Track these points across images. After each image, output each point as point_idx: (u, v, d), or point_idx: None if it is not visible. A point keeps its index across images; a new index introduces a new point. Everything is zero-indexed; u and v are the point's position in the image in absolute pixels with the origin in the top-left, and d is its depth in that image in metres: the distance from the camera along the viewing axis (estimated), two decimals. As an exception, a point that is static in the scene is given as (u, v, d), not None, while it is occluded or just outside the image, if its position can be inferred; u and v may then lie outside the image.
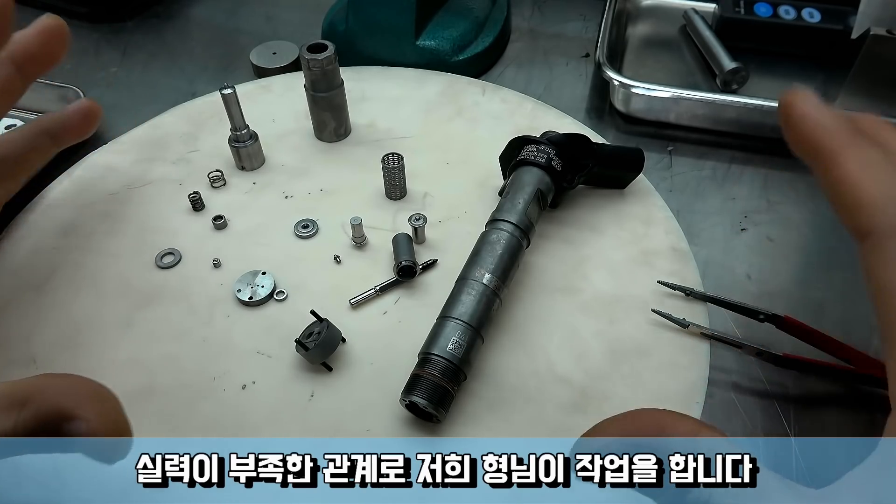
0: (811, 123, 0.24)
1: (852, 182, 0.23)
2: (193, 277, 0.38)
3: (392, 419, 0.32)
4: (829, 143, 0.24)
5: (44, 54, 0.34)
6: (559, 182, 0.38)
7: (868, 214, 0.22)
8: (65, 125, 0.37)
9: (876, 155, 0.23)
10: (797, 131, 0.25)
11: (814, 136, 0.24)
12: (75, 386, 0.24)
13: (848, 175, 0.23)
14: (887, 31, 0.48)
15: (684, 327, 0.35)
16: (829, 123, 0.24)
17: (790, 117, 0.25)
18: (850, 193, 0.23)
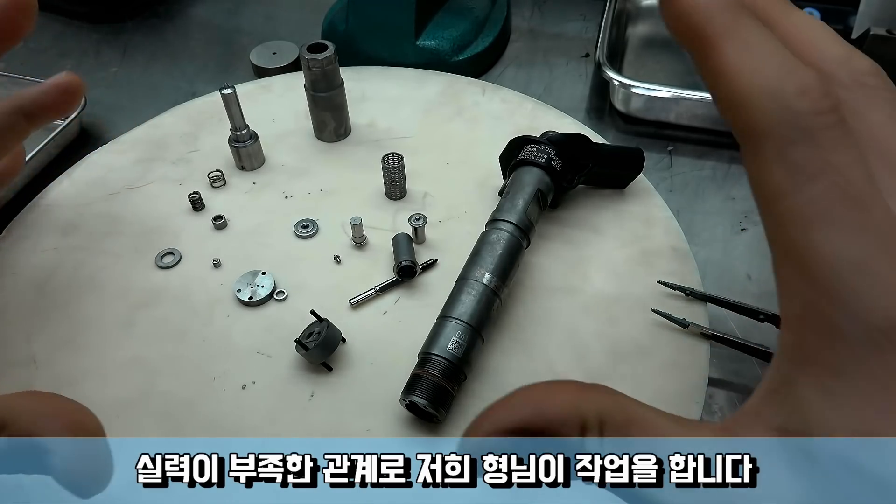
0: (689, 3, 0.21)
1: (730, 73, 0.20)
2: (193, 277, 0.38)
3: (392, 419, 0.32)
4: (707, 26, 0.20)
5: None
6: (559, 182, 0.38)
7: (745, 111, 0.19)
8: (41, 102, 0.34)
9: (762, 39, 0.20)
10: (675, 13, 0.22)
11: (692, 19, 0.21)
12: (52, 413, 0.23)
13: (726, 65, 0.20)
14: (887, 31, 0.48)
15: (684, 327, 0.35)
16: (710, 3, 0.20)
17: None
18: (727, 86, 0.20)
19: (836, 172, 0.18)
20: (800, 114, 0.19)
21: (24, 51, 0.58)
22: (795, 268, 0.19)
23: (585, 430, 0.20)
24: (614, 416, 0.20)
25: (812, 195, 0.18)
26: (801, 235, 0.18)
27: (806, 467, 0.18)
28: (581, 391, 0.21)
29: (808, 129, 0.18)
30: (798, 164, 0.19)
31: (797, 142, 0.19)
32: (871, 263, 0.18)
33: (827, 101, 0.19)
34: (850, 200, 0.18)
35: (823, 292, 0.18)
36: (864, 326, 0.18)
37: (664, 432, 0.20)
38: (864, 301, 0.18)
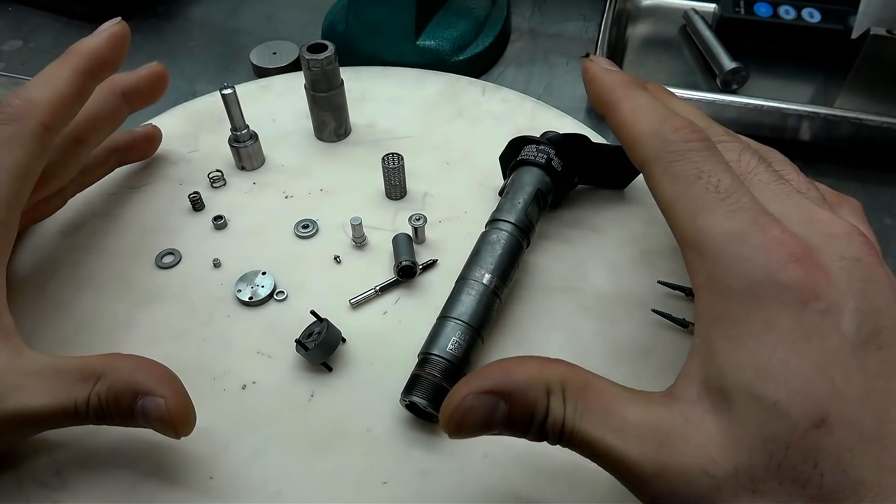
0: (599, 81, 0.31)
1: (627, 123, 0.28)
2: (193, 277, 0.38)
3: (392, 419, 0.32)
4: (611, 95, 0.30)
5: (149, 92, 0.40)
6: (559, 182, 0.38)
7: (639, 148, 0.27)
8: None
9: (644, 100, 0.28)
10: (591, 88, 0.31)
11: (601, 92, 0.30)
12: (147, 365, 0.27)
13: (624, 118, 0.28)
14: (887, 31, 0.48)
15: (684, 327, 0.35)
16: (612, 80, 0.30)
17: (586, 78, 0.32)
18: (626, 132, 0.28)
19: (708, 176, 0.24)
20: (676, 142, 0.26)
21: (24, 51, 0.58)
22: (694, 251, 0.24)
23: (549, 394, 0.24)
24: (573, 382, 0.24)
25: (693, 194, 0.24)
26: (691, 225, 0.24)
27: (724, 407, 0.22)
28: (544, 361, 0.25)
29: (681, 150, 0.26)
30: (679, 176, 0.25)
31: (676, 161, 0.25)
32: (744, 234, 0.23)
33: (694, 134, 0.26)
34: (722, 193, 0.24)
35: (715, 263, 0.23)
36: (747, 283, 0.22)
37: (616, 396, 0.24)
38: (743, 263, 0.23)
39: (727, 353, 0.22)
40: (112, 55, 0.35)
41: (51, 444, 0.31)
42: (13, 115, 0.31)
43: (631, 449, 0.22)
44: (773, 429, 0.21)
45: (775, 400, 0.21)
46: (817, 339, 0.21)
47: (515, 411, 0.24)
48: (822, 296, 0.21)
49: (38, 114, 0.31)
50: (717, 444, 0.21)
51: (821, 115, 0.45)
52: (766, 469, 0.20)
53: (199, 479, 0.30)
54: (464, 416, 0.24)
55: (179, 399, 0.27)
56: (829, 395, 0.20)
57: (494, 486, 0.30)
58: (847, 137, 0.46)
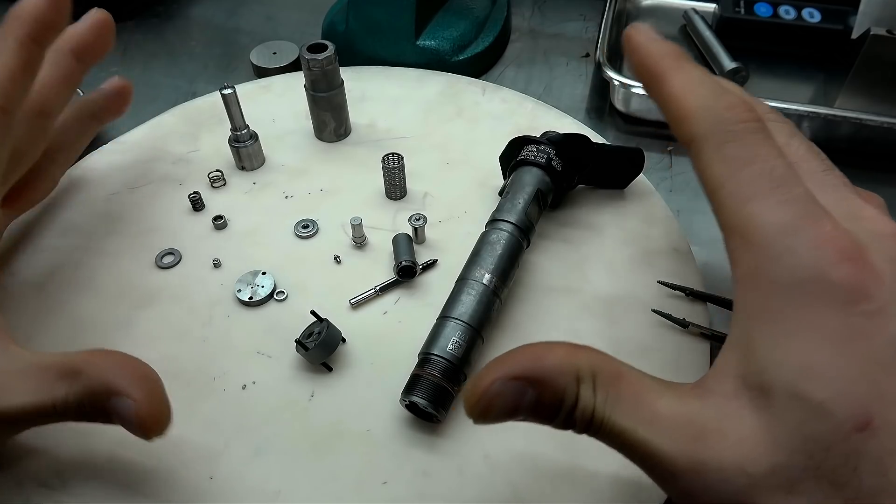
0: (644, 50, 0.28)
1: (677, 97, 0.26)
2: (193, 277, 0.38)
3: (392, 419, 0.32)
4: (658, 66, 0.28)
5: (98, 44, 0.36)
6: (559, 182, 0.38)
7: (689, 123, 0.26)
8: (104, 105, 0.39)
9: (696, 73, 0.27)
10: (635, 58, 0.29)
11: (647, 62, 0.28)
12: (124, 363, 0.26)
13: (673, 91, 0.27)
14: (887, 31, 0.48)
15: (684, 327, 0.35)
16: (659, 50, 0.28)
17: (629, 47, 0.29)
18: (675, 107, 0.26)
19: (762, 161, 0.23)
20: (729, 121, 0.25)
21: (24, 51, 0.58)
22: (739, 239, 0.23)
23: (580, 382, 0.23)
24: (605, 370, 0.23)
25: (744, 178, 0.23)
26: (740, 211, 0.23)
27: (764, 404, 0.21)
28: (575, 347, 0.24)
29: (736, 132, 0.24)
30: (731, 157, 0.24)
31: (729, 141, 0.24)
32: (796, 227, 0.22)
33: (749, 113, 0.25)
34: (775, 180, 0.23)
35: (762, 254, 0.22)
36: (795, 278, 0.21)
37: (647, 386, 0.23)
38: (792, 257, 0.22)
39: (770, 349, 0.22)
40: (53, 14, 0.31)
41: (50, 443, 0.31)
42: None
43: (664, 442, 0.22)
44: (814, 429, 0.20)
45: (820, 400, 0.20)
46: (864, 340, 0.21)
47: (544, 398, 0.23)
48: (872, 296, 0.21)
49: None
50: (754, 441, 0.21)
51: (821, 115, 0.45)
52: (804, 469, 0.20)
53: (199, 479, 0.30)
54: (490, 401, 0.23)
55: (151, 401, 0.26)
56: (874, 398, 0.20)
57: (495, 487, 0.30)
58: (847, 137, 0.46)
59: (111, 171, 0.44)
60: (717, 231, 0.42)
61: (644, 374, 0.24)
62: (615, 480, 0.30)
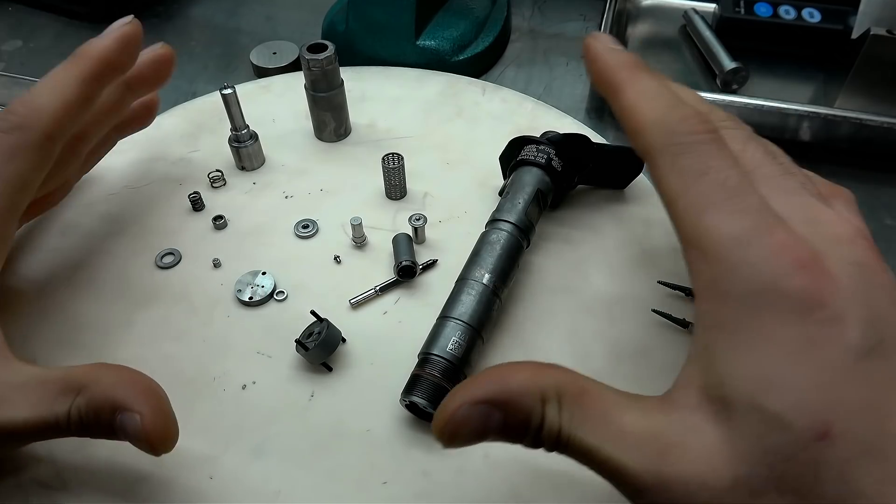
0: (602, 61, 0.28)
1: (632, 109, 0.26)
2: (193, 277, 0.38)
3: (392, 419, 0.32)
4: (614, 77, 0.28)
5: (153, 78, 0.38)
6: (559, 182, 0.38)
7: (643, 136, 0.26)
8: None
9: (651, 85, 0.27)
10: (593, 68, 0.29)
11: (604, 73, 0.28)
12: (130, 379, 0.26)
13: (628, 103, 0.27)
14: (887, 31, 0.48)
15: (684, 327, 0.35)
16: (616, 60, 0.28)
17: (587, 57, 0.29)
18: (630, 119, 0.26)
19: (715, 172, 0.23)
20: (682, 134, 0.25)
21: (24, 51, 0.58)
22: (696, 251, 0.23)
23: (545, 402, 0.23)
24: (570, 389, 0.23)
25: (698, 191, 0.23)
26: (695, 224, 0.23)
27: (724, 416, 0.21)
28: (539, 367, 0.24)
29: (689, 143, 0.24)
30: (685, 170, 0.24)
31: (682, 153, 0.24)
32: (750, 237, 0.22)
33: (702, 125, 0.25)
34: (729, 191, 0.23)
35: (718, 266, 0.22)
36: (750, 289, 0.21)
37: (613, 402, 0.23)
38: (747, 268, 0.22)
39: (728, 361, 0.22)
40: (121, 58, 0.33)
41: (50, 445, 0.31)
42: (17, 123, 0.30)
43: (629, 458, 0.22)
44: (774, 440, 0.20)
45: (777, 411, 0.20)
46: (821, 349, 0.21)
47: (510, 420, 0.23)
48: (828, 304, 0.21)
49: (43, 124, 0.30)
50: (716, 454, 0.21)
51: (821, 115, 0.45)
52: (766, 480, 0.20)
53: (199, 479, 0.30)
54: (457, 427, 0.23)
55: (158, 416, 0.25)
56: (833, 407, 0.20)
57: (495, 487, 0.30)
58: (847, 137, 0.46)
59: (111, 171, 0.44)
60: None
61: (610, 390, 0.24)
62: (615, 480, 0.30)
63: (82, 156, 0.37)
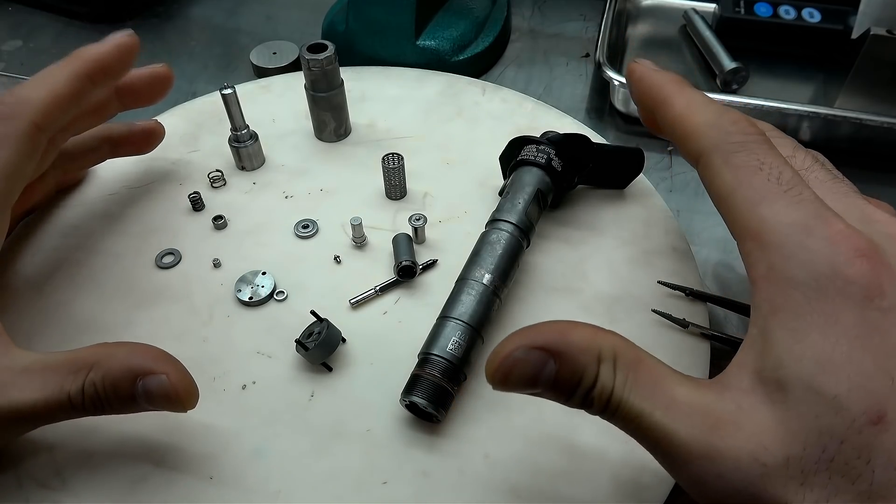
0: (647, 81, 0.31)
1: (682, 116, 0.28)
2: (193, 277, 0.38)
3: (392, 419, 0.32)
4: (661, 92, 0.30)
5: (145, 94, 0.39)
6: (559, 182, 0.38)
7: (696, 139, 0.27)
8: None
9: (698, 95, 0.29)
10: (639, 89, 0.32)
11: (652, 90, 0.31)
12: (143, 348, 0.27)
13: (678, 113, 0.29)
14: (887, 31, 0.48)
15: (684, 327, 0.35)
16: (660, 79, 0.31)
17: (632, 80, 0.32)
18: (680, 127, 0.28)
19: (770, 167, 0.24)
20: (735, 133, 0.26)
21: (24, 51, 0.58)
22: (752, 242, 0.24)
23: (601, 361, 0.23)
24: (626, 354, 0.24)
25: (754, 184, 0.24)
26: (752, 215, 0.24)
27: (780, 398, 0.22)
28: (599, 329, 0.24)
29: (743, 142, 0.26)
30: (740, 166, 0.25)
31: (737, 151, 0.25)
32: (809, 225, 0.23)
33: (753, 126, 0.26)
34: (784, 184, 0.24)
35: (776, 253, 0.23)
36: (812, 274, 0.22)
37: (666, 375, 0.24)
38: (807, 255, 0.22)
39: (787, 344, 0.22)
40: (115, 63, 0.34)
41: (50, 443, 0.31)
42: (5, 113, 0.30)
43: (680, 427, 0.22)
44: (829, 422, 0.21)
45: (835, 394, 0.21)
46: (879, 336, 0.21)
47: (564, 373, 0.23)
48: (887, 293, 0.21)
49: (31, 113, 0.31)
50: (770, 432, 0.21)
51: (821, 115, 0.45)
52: (818, 462, 0.20)
53: (199, 479, 0.30)
54: (511, 368, 0.23)
55: (182, 374, 0.27)
56: (888, 393, 0.20)
57: (495, 487, 0.30)
58: (847, 137, 0.46)
59: (111, 171, 0.44)
60: (717, 231, 0.42)
61: (664, 364, 0.24)
62: (615, 480, 0.30)
63: (58, 148, 0.37)
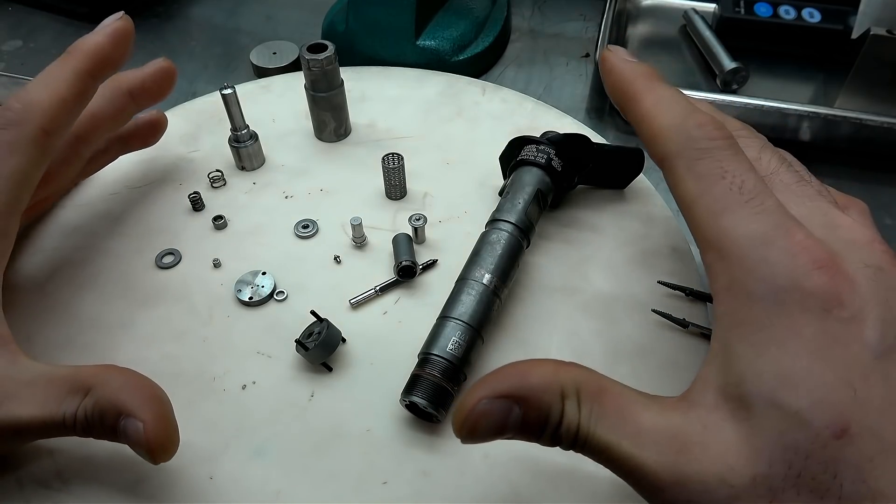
0: (619, 72, 0.30)
1: (648, 116, 0.27)
2: (193, 277, 0.38)
3: (392, 419, 0.32)
4: (631, 86, 0.29)
5: (155, 90, 0.39)
6: (559, 182, 0.38)
7: (660, 142, 0.26)
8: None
9: (668, 93, 0.28)
10: (610, 79, 0.30)
11: (621, 83, 0.29)
12: (136, 383, 0.26)
13: (645, 111, 0.28)
14: (887, 31, 0.48)
15: (684, 327, 0.35)
16: (633, 71, 0.29)
17: (604, 69, 0.31)
18: (647, 126, 0.27)
19: (732, 175, 0.24)
20: (699, 139, 0.25)
21: (24, 51, 0.58)
22: (714, 253, 0.24)
23: (564, 398, 0.23)
24: (588, 386, 0.23)
25: (716, 193, 0.24)
26: (713, 225, 0.24)
27: (743, 415, 0.21)
28: (559, 364, 0.24)
29: (706, 148, 0.25)
30: (702, 174, 0.24)
31: (700, 158, 0.25)
32: (769, 237, 0.22)
33: (719, 131, 0.25)
34: (746, 194, 0.23)
35: (737, 266, 0.23)
36: (772, 287, 0.22)
37: (631, 400, 0.23)
38: (766, 267, 0.22)
39: (748, 359, 0.22)
40: (115, 53, 0.33)
41: (51, 444, 0.31)
42: (13, 119, 0.30)
43: (647, 456, 0.22)
44: (793, 438, 0.20)
45: (797, 409, 0.20)
46: (840, 347, 0.21)
47: (530, 416, 0.23)
48: (846, 304, 0.21)
49: (38, 118, 0.30)
50: (735, 452, 0.21)
51: (821, 115, 0.45)
52: (784, 478, 0.20)
53: (199, 479, 0.30)
54: (477, 420, 0.23)
55: (160, 424, 0.25)
56: (851, 405, 0.20)
57: (495, 487, 0.30)
58: (847, 137, 0.46)
59: (111, 171, 0.44)
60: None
61: (627, 388, 0.24)
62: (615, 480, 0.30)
63: (84, 158, 0.37)
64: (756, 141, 0.28)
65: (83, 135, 0.36)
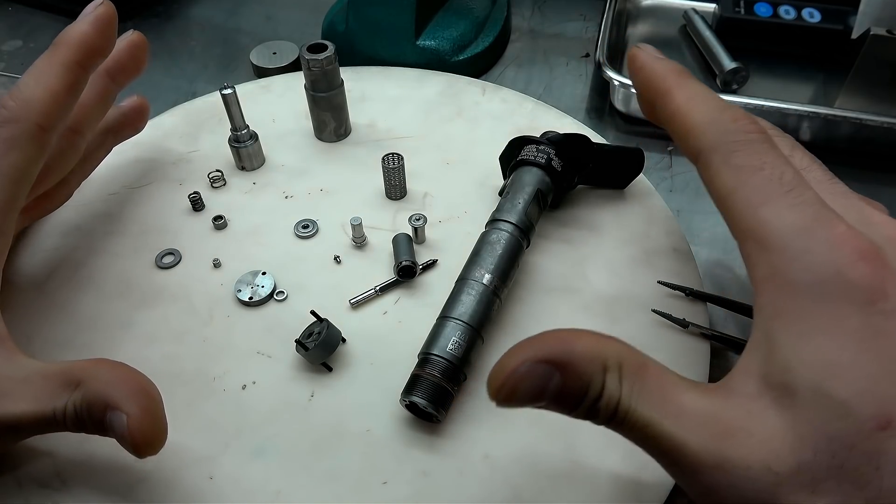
0: (649, 69, 0.30)
1: (682, 112, 0.27)
2: (193, 277, 0.38)
3: (392, 419, 0.32)
4: (662, 83, 0.29)
5: (131, 66, 0.38)
6: (559, 182, 0.38)
7: (695, 136, 0.26)
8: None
9: (700, 89, 0.28)
10: (640, 77, 0.30)
11: (652, 80, 0.29)
12: (125, 377, 0.26)
13: (678, 107, 0.28)
14: (887, 31, 0.48)
15: (684, 327, 0.35)
16: (663, 68, 0.29)
17: (633, 68, 0.31)
18: (680, 121, 0.27)
19: (770, 167, 0.24)
20: (735, 132, 0.25)
21: (24, 51, 0.58)
22: (755, 243, 0.24)
23: (606, 371, 0.22)
24: (631, 361, 0.23)
25: (755, 184, 0.24)
26: (753, 216, 0.24)
27: (788, 402, 0.21)
28: (602, 337, 0.23)
29: (743, 141, 0.25)
30: (740, 166, 0.25)
31: (737, 151, 0.25)
32: (810, 228, 0.22)
33: (753, 124, 0.26)
34: (785, 185, 0.23)
35: (778, 256, 0.23)
36: (815, 277, 0.22)
37: (671, 381, 0.23)
38: (809, 257, 0.22)
39: (792, 349, 0.22)
40: (100, 40, 0.33)
41: (50, 445, 0.31)
42: (9, 117, 0.30)
43: (689, 437, 0.21)
44: (837, 428, 0.20)
45: (843, 398, 0.20)
46: (884, 339, 0.21)
47: (570, 385, 0.22)
48: (890, 296, 0.21)
49: (34, 115, 0.30)
50: (780, 439, 0.21)
51: (821, 115, 0.45)
52: (828, 468, 0.20)
53: (199, 479, 0.30)
54: (517, 383, 0.22)
55: (145, 418, 0.25)
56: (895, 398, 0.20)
57: (495, 487, 0.30)
58: (847, 137, 0.46)
59: (111, 171, 0.44)
60: (717, 231, 0.42)
61: (668, 369, 0.24)
62: (615, 480, 0.30)
63: (79, 150, 0.37)
64: (787, 140, 0.28)
65: (75, 126, 0.36)
